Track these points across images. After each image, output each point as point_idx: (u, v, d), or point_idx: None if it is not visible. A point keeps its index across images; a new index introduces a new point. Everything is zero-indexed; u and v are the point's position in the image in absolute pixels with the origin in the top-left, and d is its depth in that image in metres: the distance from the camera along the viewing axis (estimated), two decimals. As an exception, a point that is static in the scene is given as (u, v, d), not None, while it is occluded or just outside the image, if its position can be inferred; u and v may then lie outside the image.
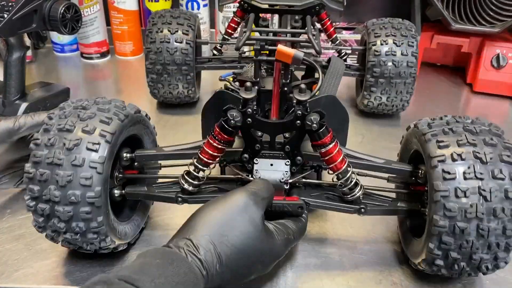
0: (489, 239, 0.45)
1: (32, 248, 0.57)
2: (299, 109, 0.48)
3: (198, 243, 0.42)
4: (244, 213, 0.44)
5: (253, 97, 0.48)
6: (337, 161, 0.51)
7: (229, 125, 0.49)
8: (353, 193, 0.53)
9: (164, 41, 0.81)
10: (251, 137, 0.52)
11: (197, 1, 1.11)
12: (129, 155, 0.54)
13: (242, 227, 0.44)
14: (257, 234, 0.44)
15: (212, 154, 0.51)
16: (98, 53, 1.16)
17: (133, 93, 1.01)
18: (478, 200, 0.45)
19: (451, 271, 0.48)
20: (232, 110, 0.49)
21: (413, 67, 0.81)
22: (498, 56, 0.99)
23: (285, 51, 0.50)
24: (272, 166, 0.52)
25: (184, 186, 0.53)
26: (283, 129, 0.52)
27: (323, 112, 0.48)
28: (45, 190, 0.46)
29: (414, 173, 0.54)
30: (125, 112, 0.52)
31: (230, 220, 0.44)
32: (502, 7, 0.95)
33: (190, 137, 0.81)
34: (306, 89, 0.48)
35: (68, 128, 0.48)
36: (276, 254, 0.47)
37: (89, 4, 1.09)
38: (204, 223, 0.43)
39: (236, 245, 0.43)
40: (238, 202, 0.45)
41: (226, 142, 0.50)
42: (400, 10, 1.12)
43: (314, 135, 0.49)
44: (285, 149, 0.52)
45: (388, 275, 0.54)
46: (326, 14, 0.87)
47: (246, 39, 0.55)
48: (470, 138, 0.48)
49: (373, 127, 0.88)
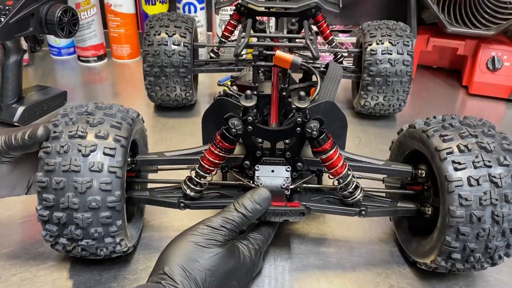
0: (503, 225, 0.46)
1: (29, 252, 0.56)
2: (299, 116, 0.49)
3: (173, 274, 0.43)
4: (211, 241, 0.46)
5: (253, 105, 0.49)
6: (337, 166, 0.51)
7: (230, 133, 0.49)
8: (353, 196, 0.53)
9: (162, 43, 0.82)
10: (252, 144, 0.52)
11: (194, 5, 1.11)
12: (130, 159, 0.54)
13: (209, 250, 0.46)
14: (225, 254, 0.46)
15: (214, 161, 0.51)
16: (95, 56, 1.16)
17: (130, 96, 1.02)
18: (490, 187, 0.46)
19: (466, 264, 0.48)
20: (233, 118, 0.49)
21: (409, 65, 0.81)
22: (493, 59, 1.00)
23: (283, 57, 0.50)
24: (273, 173, 0.52)
25: (187, 191, 0.53)
26: (283, 136, 0.52)
27: (323, 119, 0.49)
28: (62, 198, 0.46)
29: (412, 173, 0.55)
30: (130, 117, 0.52)
31: (197, 247, 0.46)
32: (497, 10, 0.95)
33: (188, 141, 0.82)
34: (305, 96, 0.48)
35: (81, 135, 0.47)
36: (248, 268, 0.49)
37: (86, 8, 1.09)
38: (174, 254, 0.45)
39: (207, 268, 0.45)
40: (194, 232, 0.47)
41: (227, 150, 0.51)
42: (396, 13, 1.13)
43: (315, 142, 0.50)
44: (286, 156, 0.53)
45: (386, 277, 0.54)
46: (322, 16, 0.87)
47: (244, 45, 0.55)
48: (470, 130, 0.49)
49: (370, 129, 0.88)
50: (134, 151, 0.57)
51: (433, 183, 0.52)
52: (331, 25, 1.18)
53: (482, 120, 0.52)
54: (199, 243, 0.46)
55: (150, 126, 0.86)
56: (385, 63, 0.81)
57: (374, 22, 0.87)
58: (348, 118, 0.60)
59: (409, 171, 0.54)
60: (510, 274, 0.55)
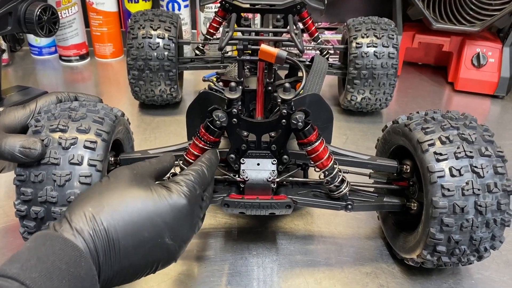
0: (486, 215, 0.46)
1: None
2: (284, 108, 0.48)
3: (73, 216, 0.36)
4: (120, 179, 0.40)
5: (238, 97, 0.48)
6: (323, 158, 0.50)
7: (214, 125, 0.48)
8: (340, 190, 0.52)
9: (146, 36, 0.80)
10: (237, 137, 0.51)
11: (178, 2, 1.10)
12: (113, 159, 0.54)
13: (119, 189, 0.39)
14: (138, 192, 0.39)
15: (198, 155, 0.50)
16: (77, 56, 1.14)
17: (113, 95, 1.00)
18: (472, 177, 0.46)
19: (452, 257, 0.48)
20: (217, 110, 0.48)
21: (395, 58, 0.81)
22: (478, 55, 1.00)
23: (268, 50, 0.50)
24: (259, 166, 0.52)
25: None
26: (268, 129, 0.51)
27: (308, 111, 0.48)
28: (40, 192, 0.45)
29: (398, 169, 0.54)
30: (114, 114, 0.52)
31: (105, 188, 0.39)
32: (481, 6, 0.96)
33: (173, 140, 0.80)
34: (290, 88, 0.48)
35: (62, 128, 0.47)
36: (175, 205, 0.40)
37: (67, 6, 1.07)
38: (80, 199, 0.38)
39: (113, 205, 0.37)
40: (115, 174, 0.41)
41: (212, 142, 0.50)
42: (382, 10, 1.13)
43: (300, 134, 0.49)
44: (271, 148, 0.52)
45: (375, 277, 0.54)
46: (307, 13, 0.86)
47: (229, 39, 0.55)
48: (452, 122, 0.50)
49: (356, 127, 0.87)
50: (119, 152, 0.56)
51: (418, 178, 0.52)
52: (316, 23, 1.18)
53: (464, 113, 0.53)
54: (115, 181, 0.39)
55: (135, 126, 0.84)
56: (370, 56, 0.81)
57: (359, 18, 0.87)
58: (334, 115, 0.60)
59: (394, 166, 0.54)
60: (498, 271, 0.55)
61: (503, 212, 0.47)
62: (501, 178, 0.47)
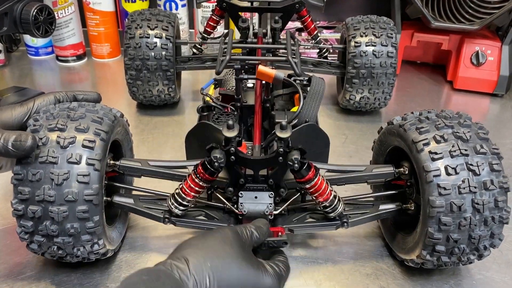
0: (484, 213, 0.46)
1: (6, 262, 0.54)
2: (280, 146, 0.49)
3: (188, 259, 0.39)
4: (233, 244, 0.43)
5: (235, 135, 0.48)
6: (324, 194, 0.51)
7: (212, 166, 0.48)
8: (335, 210, 0.53)
9: (144, 36, 0.80)
10: (235, 172, 0.52)
11: (175, 1, 1.09)
12: (112, 162, 0.53)
13: (233, 254, 0.42)
14: (248, 263, 0.42)
15: (195, 188, 0.51)
16: (74, 56, 1.13)
17: (111, 96, 0.99)
18: (468, 175, 0.46)
19: (452, 256, 0.48)
20: (215, 151, 0.48)
21: (393, 57, 0.81)
22: (477, 54, 1.00)
23: (266, 72, 0.51)
24: (257, 199, 0.53)
25: (172, 208, 0.52)
26: (265, 165, 0.52)
27: (304, 149, 0.48)
28: (38, 191, 0.44)
29: (395, 173, 0.54)
30: (113, 114, 0.52)
31: (220, 248, 0.42)
32: (480, 4, 0.95)
33: (171, 141, 0.80)
34: (287, 125, 0.48)
35: (60, 128, 0.47)
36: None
37: (63, 6, 1.06)
38: (195, 246, 0.41)
39: (227, 269, 0.41)
40: (227, 235, 0.44)
41: (208, 181, 0.50)
42: (380, 8, 1.13)
43: (297, 174, 0.50)
44: (269, 183, 0.53)
45: (375, 278, 0.53)
46: (306, 11, 0.86)
47: (226, 63, 0.56)
48: (446, 121, 0.50)
49: (355, 126, 0.87)
50: (118, 154, 0.56)
51: (415, 179, 0.51)
52: (315, 21, 1.17)
53: (459, 112, 0.52)
54: (231, 244, 0.42)
55: (132, 126, 0.84)
56: (369, 55, 0.80)
57: (358, 16, 0.87)
58: (333, 114, 0.60)
59: (391, 172, 0.54)
60: (499, 271, 0.55)
61: (501, 209, 0.46)
62: (497, 175, 0.46)
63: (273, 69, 0.56)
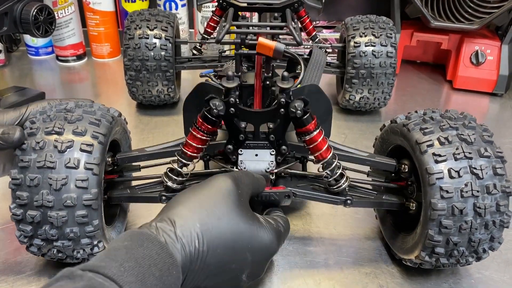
0: (485, 217, 0.45)
1: (6, 261, 0.54)
2: (282, 97, 0.48)
3: (174, 221, 0.37)
4: (227, 197, 0.41)
5: (235, 86, 0.47)
6: (322, 149, 0.50)
7: (212, 114, 0.47)
8: (339, 184, 0.52)
9: (143, 37, 0.80)
10: (235, 127, 0.50)
11: (175, 1, 1.09)
12: (111, 159, 0.53)
13: (225, 210, 0.40)
14: (242, 218, 0.40)
15: (197, 146, 0.50)
16: (74, 56, 1.13)
17: (111, 96, 0.99)
18: (471, 178, 0.46)
19: (450, 258, 0.48)
20: (214, 99, 0.47)
21: (393, 57, 0.81)
22: (477, 53, 1.00)
23: (266, 44, 0.49)
24: (257, 156, 0.51)
25: (168, 183, 0.51)
26: (267, 118, 0.51)
27: (307, 99, 0.47)
28: (36, 196, 0.44)
29: (396, 168, 0.54)
30: (110, 115, 0.51)
31: (211, 203, 0.40)
32: (480, 4, 0.95)
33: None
34: (288, 76, 0.47)
35: (57, 131, 0.46)
36: (267, 244, 0.42)
37: (63, 6, 1.06)
38: (183, 204, 0.39)
39: (218, 227, 0.38)
40: (221, 186, 0.42)
41: (209, 133, 0.49)
42: (380, 8, 1.13)
43: (298, 122, 0.48)
44: (270, 139, 0.51)
45: (374, 277, 0.53)
46: (304, 11, 0.86)
47: (226, 31, 0.54)
48: (451, 123, 0.49)
49: (355, 126, 0.87)
50: (117, 152, 0.56)
51: (416, 178, 0.51)
52: (314, 21, 1.18)
53: (463, 113, 0.52)
54: (224, 197, 0.40)
55: (132, 126, 0.84)
56: (368, 55, 0.80)
57: (357, 16, 0.87)
58: (333, 114, 0.59)
59: (392, 164, 0.54)
60: (498, 270, 0.55)
61: (502, 213, 0.46)
62: (500, 179, 0.46)
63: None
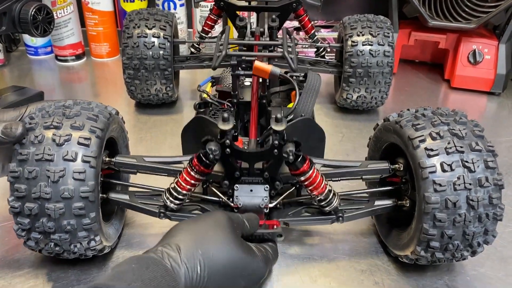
0: (478, 210, 0.46)
1: (4, 259, 0.54)
2: (276, 139, 0.49)
3: (178, 247, 0.40)
4: (225, 229, 0.44)
5: (230, 128, 0.48)
6: (319, 187, 0.51)
7: (207, 158, 0.49)
8: (330, 204, 0.53)
9: (142, 35, 0.80)
10: (230, 165, 0.52)
11: (174, 1, 1.10)
12: (107, 159, 0.54)
13: (224, 240, 0.43)
14: (239, 249, 0.44)
15: (190, 182, 0.51)
16: (73, 55, 1.13)
17: (110, 95, 0.99)
18: (464, 171, 0.46)
19: (446, 252, 0.48)
20: (210, 143, 0.48)
21: (390, 56, 0.81)
22: (474, 52, 1.00)
23: (262, 68, 0.51)
24: (252, 192, 0.53)
25: (167, 203, 0.52)
26: (261, 158, 0.52)
27: (299, 142, 0.49)
28: (34, 188, 0.45)
29: (390, 169, 0.55)
30: (108, 111, 0.52)
31: (211, 233, 0.43)
32: (477, 3, 0.96)
33: (169, 140, 0.80)
34: (282, 118, 0.48)
35: (56, 125, 0.47)
36: (258, 272, 0.46)
37: (62, 5, 1.06)
38: (186, 232, 0.43)
39: (218, 256, 0.42)
40: (219, 219, 0.45)
41: (204, 173, 0.50)
42: (378, 7, 1.13)
43: (291, 166, 0.50)
44: (264, 176, 0.53)
45: (370, 274, 0.54)
46: (303, 10, 0.86)
47: (222, 59, 0.56)
48: (442, 119, 0.50)
49: (352, 124, 0.87)
50: (114, 151, 0.57)
51: (411, 176, 0.52)
52: (313, 20, 1.18)
53: (454, 110, 0.53)
54: (223, 229, 0.43)
55: (131, 125, 0.84)
56: (366, 54, 0.81)
57: (355, 15, 0.87)
58: (330, 113, 0.60)
59: (386, 168, 0.55)
60: (493, 267, 0.55)
61: (495, 206, 0.47)
62: (492, 172, 0.47)
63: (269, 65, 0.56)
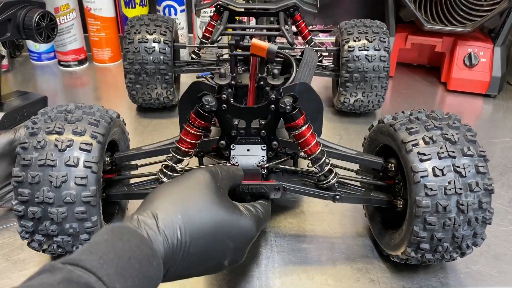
0: (468, 214, 0.47)
1: (10, 258, 0.56)
2: (272, 94, 0.49)
3: (156, 214, 0.37)
4: (206, 189, 0.42)
5: (227, 83, 0.49)
6: (310, 144, 0.51)
7: (204, 110, 0.49)
8: (328, 180, 0.54)
9: (142, 41, 0.82)
10: (227, 123, 0.52)
11: (174, 7, 1.11)
12: (109, 159, 0.55)
13: (205, 201, 0.40)
14: (221, 208, 0.41)
15: (190, 141, 0.51)
16: (76, 61, 1.15)
17: (112, 99, 1.01)
18: (455, 176, 0.47)
19: (435, 254, 0.49)
20: (206, 95, 0.49)
21: (386, 61, 0.82)
22: (470, 55, 1.01)
23: (259, 45, 0.51)
24: (249, 152, 0.53)
25: (163, 179, 0.53)
26: (258, 114, 0.52)
27: (296, 96, 0.49)
28: (37, 193, 0.46)
29: (383, 166, 0.56)
30: (109, 115, 0.53)
31: (191, 195, 0.40)
32: (472, 7, 0.97)
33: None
34: (279, 74, 0.49)
35: (58, 131, 0.48)
36: (247, 231, 0.43)
37: (65, 12, 1.08)
38: (164, 197, 0.40)
39: (199, 218, 0.39)
40: (199, 179, 0.42)
41: (202, 128, 0.51)
42: (375, 11, 1.15)
43: (287, 117, 0.50)
44: (261, 134, 0.53)
45: (366, 272, 0.55)
46: (300, 16, 0.88)
47: (221, 32, 0.56)
48: (435, 123, 0.51)
49: (350, 127, 0.89)
50: (115, 152, 0.57)
51: (403, 176, 0.53)
52: (311, 25, 1.20)
53: (448, 113, 0.54)
54: (203, 189, 0.41)
55: (132, 129, 0.86)
56: (362, 60, 0.82)
57: (351, 20, 0.89)
58: (328, 116, 0.61)
59: (379, 162, 0.55)
60: (486, 265, 0.56)
61: (485, 210, 0.48)
62: (483, 177, 0.47)
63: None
